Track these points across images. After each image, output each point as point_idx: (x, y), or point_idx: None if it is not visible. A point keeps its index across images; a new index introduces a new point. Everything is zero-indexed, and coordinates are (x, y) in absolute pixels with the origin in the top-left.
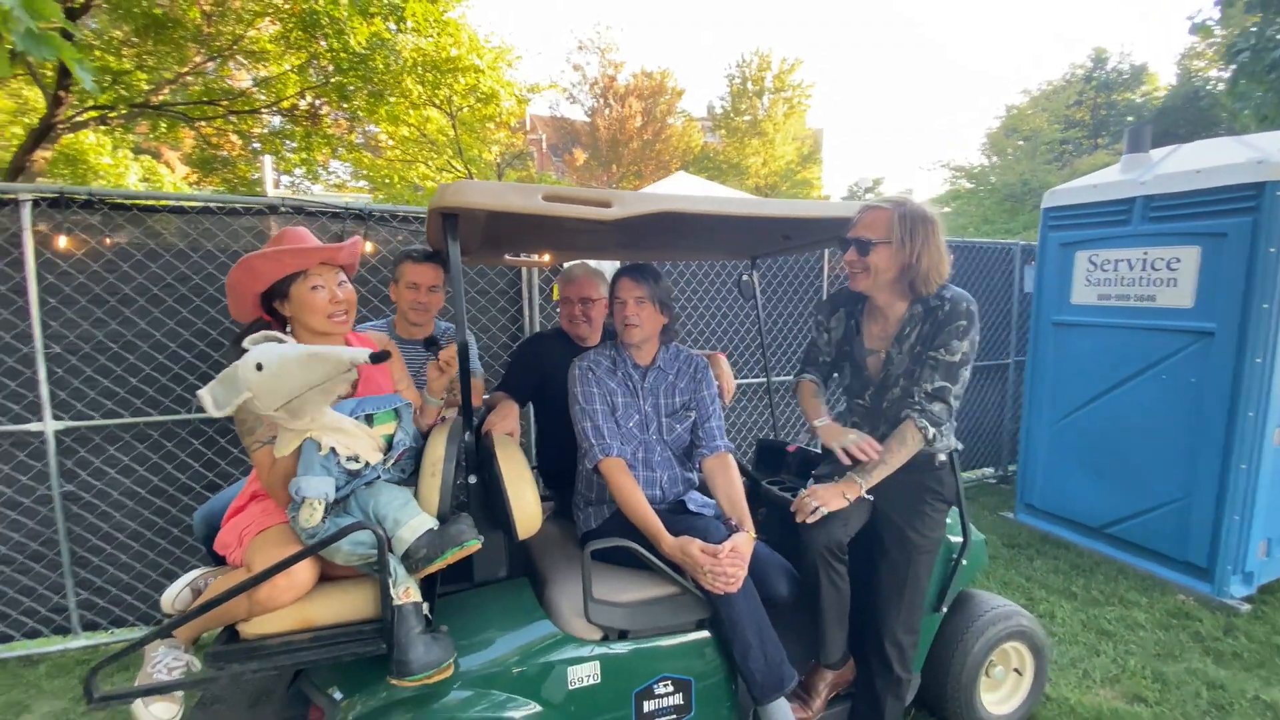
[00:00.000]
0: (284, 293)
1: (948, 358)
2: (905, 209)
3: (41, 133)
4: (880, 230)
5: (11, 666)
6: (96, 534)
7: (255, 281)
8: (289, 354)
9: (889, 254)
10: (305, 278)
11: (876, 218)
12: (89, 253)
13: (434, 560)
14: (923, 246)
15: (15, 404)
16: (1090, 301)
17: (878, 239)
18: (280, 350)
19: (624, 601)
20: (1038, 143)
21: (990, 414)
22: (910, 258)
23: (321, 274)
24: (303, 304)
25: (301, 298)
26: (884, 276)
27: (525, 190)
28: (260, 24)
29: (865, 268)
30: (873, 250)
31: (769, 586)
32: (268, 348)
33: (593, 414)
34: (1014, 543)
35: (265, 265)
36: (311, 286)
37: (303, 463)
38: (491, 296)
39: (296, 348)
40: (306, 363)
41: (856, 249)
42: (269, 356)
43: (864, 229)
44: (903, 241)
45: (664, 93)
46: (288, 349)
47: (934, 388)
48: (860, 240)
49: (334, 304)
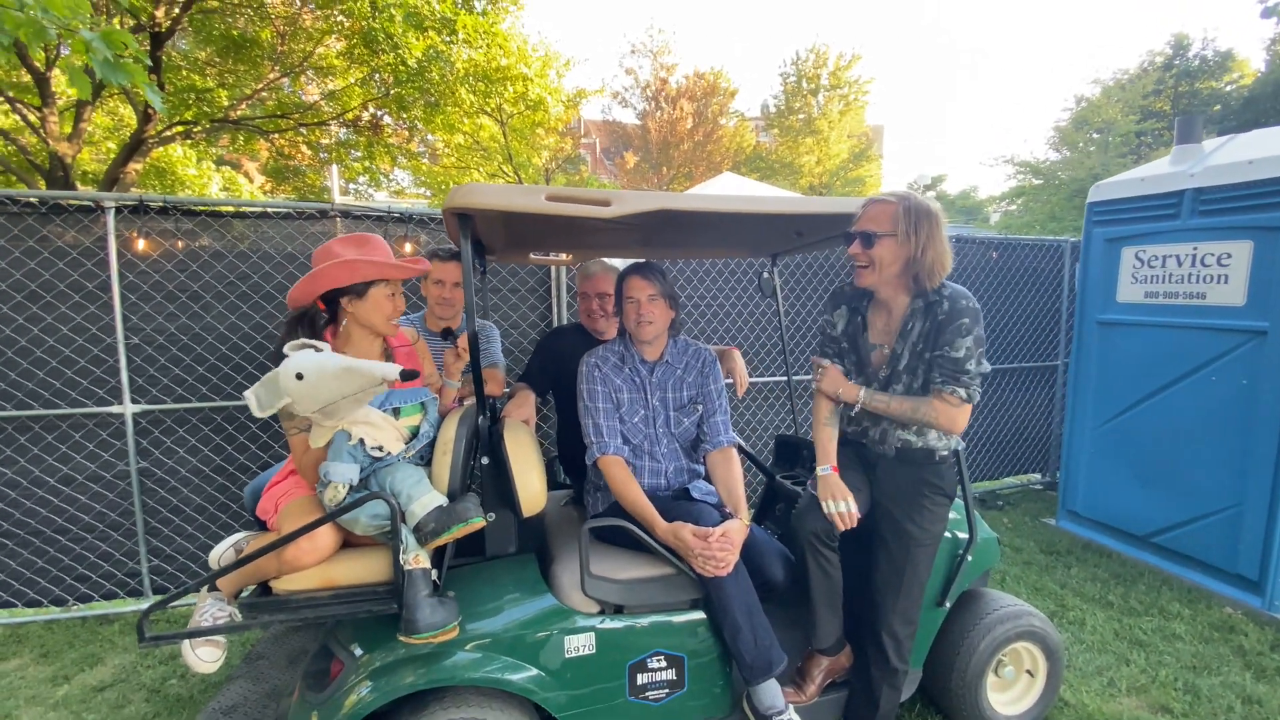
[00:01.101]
0: (361, 293)
1: (953, 354)
2: (909, 202)
3: (133, 147)
4: (884, 223)
5: (90, 624)
6: (167, 507)
7: (349, 277)
8: (327, 366)
9: (893, 247)
10: (388, 284)
11: (880, 211)
12: (164, 254)
13: (440, 534)
14: (927, 240)
15: (99, 388)
16: (1137, 300)
17: (882, 232)
18: (319, 361)
19: (620, 579)
20: (1112, 135)
21: (1038, 417)
22: (915, 251)
23: (396, 284)
24: (376, 306)
25: (379, 301)
26: (888, 270)
27: (529, 191)
28: (328, 41)
29: (870, 261)
30: (877, 243)
31: (765, 571)
32: (307, 357)
33: (595, 412)
34: (1052, 549)
35: (368, 269)
36: (392, 293)
37: (333, 450)
38: (522, 294)
39: (334, 360)
40: (342, 375)
41: (861, 242)
42: (308, 366)
43: (868, 222)
44: (907, 235)
45: (716, 93)
46: (326, 360)
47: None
48: (865, 233)
49: (397, 312)
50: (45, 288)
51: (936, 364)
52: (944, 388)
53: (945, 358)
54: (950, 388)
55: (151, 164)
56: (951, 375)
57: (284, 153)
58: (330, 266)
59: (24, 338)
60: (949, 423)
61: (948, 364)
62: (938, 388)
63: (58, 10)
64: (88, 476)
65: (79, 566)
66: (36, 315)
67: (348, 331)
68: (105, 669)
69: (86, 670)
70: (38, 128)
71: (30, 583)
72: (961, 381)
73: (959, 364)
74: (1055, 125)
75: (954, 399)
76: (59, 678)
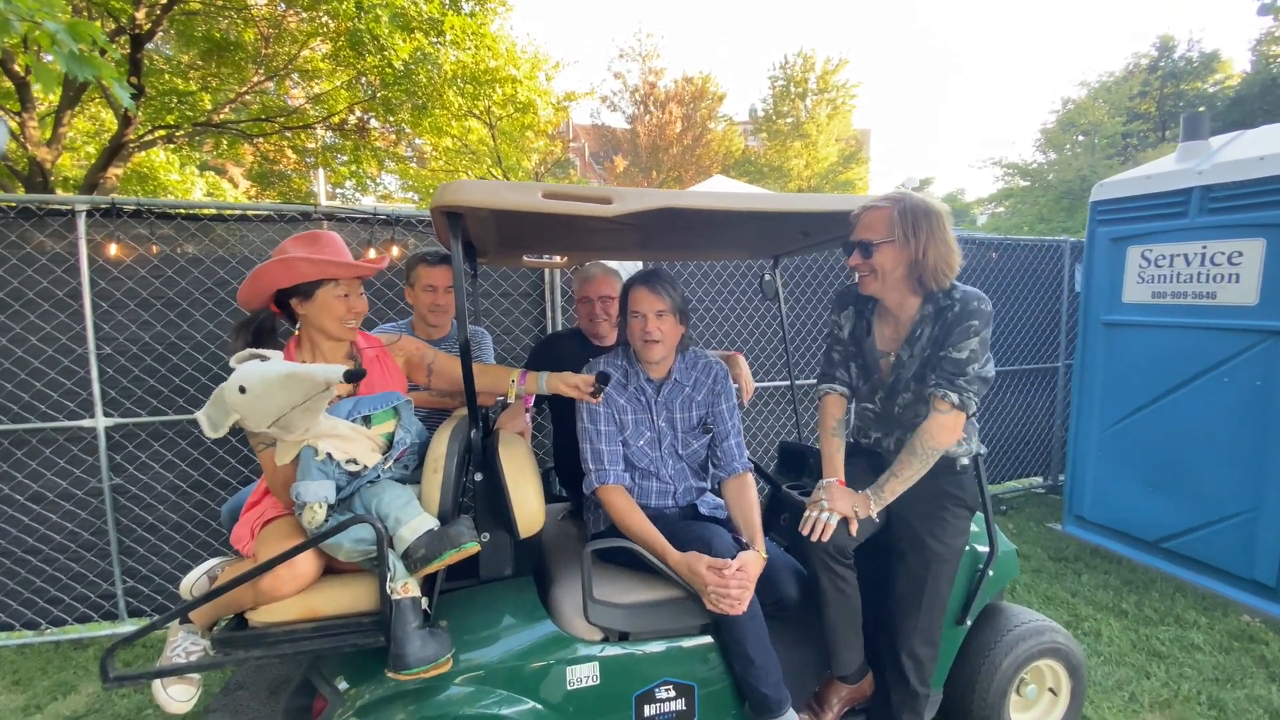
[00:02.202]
0: (308, 293)
1: (955, 354)
2: (904, 204)
3: (113, 151)
4: (880, 230)
5: (63, 649)
6: (142, 525)
7: (289, 277)
8: (269, 375)
9: (893, 253)
10: (337, 284)
11: (875, 217)
12: (138, 259)
13: (431, 560)
14: (928, 241)
15: (70, 401)
16: (1144, 300)
17: (879, 239)
18: (260, 372)
19: (625, 603)
20: (1098, 137)
21: (1039, 420)
22: (916, 253)
23: (350, 284)
24: (325, 308)
25: (327, 302)
26: (892, 276)
27: (524, 188)
28: (313, 43)
29: (872, 270)
30: (876, 251)
31: (778, 589)
32: (250, 369)
33: (595, 435)
34: (1061, 556)
35: (308, 268)
36: (342, 294)
37: (300, 469)
38: (514, 299)
39: (275, 368)
40: (285, 383)
41: (859, 252)
42: (250, 378)
43: (864, 230)
44: (906, 239)
45: (705, 97)
46: (268, 370)
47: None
48: (862, 243)
49: (351, 313)
50: (14, 295)
51: (937, 365)
52: (935, 390)
53: (947, 358)
54: (943, 391)
55: (133, 169)
56: (948, 378)
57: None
58: (269, 264)
59: None
60: (942, 435)
61: (948, 365)
62: (930, 391)
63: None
64: (59, 494)
65: (51, 589)
66: (4, 324)
67: (308, 337)
68: (79, 697)
69: (59, 699)
70: (17, 133)
71: (1, 605)
72: (957, 385)
73: (959, 365)
74: (1042, 128)
75: (944, 404)
76: (31, 707)
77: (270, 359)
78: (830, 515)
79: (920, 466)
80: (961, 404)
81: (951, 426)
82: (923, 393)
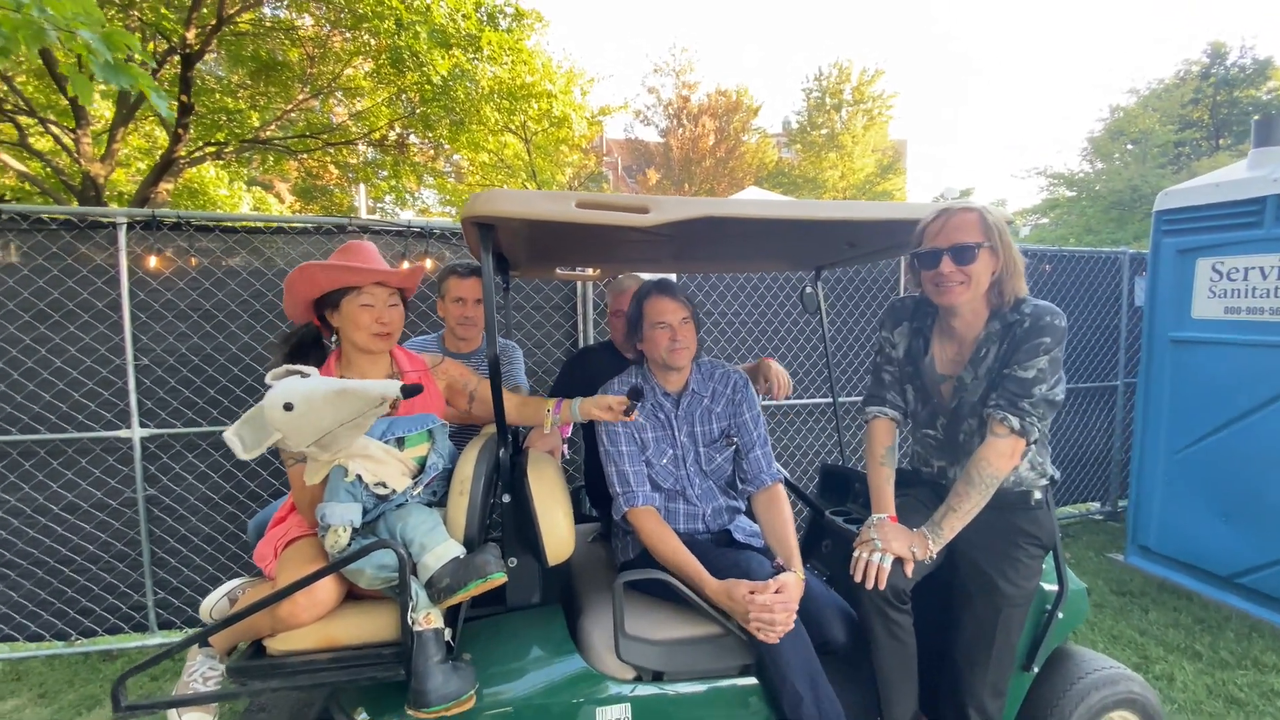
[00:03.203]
0: (335, 303)
1: (1020, 373)
2: (986, 211)
3: (163, 167)
4: (975, 233)
5: (92, 660)
6: (174, 537)
7: (310, 288)
8: (317, 391)
9: (988, 259)
10: (358, 294)
11: (968, 220)
12: (176, 271)
13: (456, 591)
14: (1007, 253)
15: (107, 412)
16: (1215, 315)
17: (978, 242)
18: (308, 387)
19: (660, 640)
20: (1149, 145)
21: (1096, 441)
22: (1002, 263)
23: (374, 293)
24: (350, 318)
25: (350, 312)
26: (982, 286)
27: (557, 197)
28: (356, 61)
29: (966, 278)
30: (977, 255)
31: (823, 631)
32: (293, 385)
33: (618, 457)
34: (1125, 590)
35: (324, 275)
36: (363, 304)
37: (328, 489)
38: (546, 311)
39: (324, 384)
40: (335, 400)
41: (952, 257)
42: (297, 395)
43: (957, 233)
44: (995, 246)
45: (739, 110)
46: (315, 385)
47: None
48: (959, 247)
49: (379, 324)
50: (54, 306)
51: (999, 383)
52: (994, 412)
53: (1011, 377)
54: (1002, 414)
55: (184, 184)
56: (1010, 399)
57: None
58: (292, 274)
59: (31, 359)
60: (1000, 462)
61: (1011, 384)
62: (989, 412)
63: (56, 9)
64: (93, 504)
65: (82, 599)
66: (44, 335)
67: (345, 352)
68: (104, 711)
69: (84, 713)
70: (72, 150)
71: (33, 615)
72: (1019, 408)
73: (1024, 386)
74: (1089, 136)
75: (1002, 428)
76: None
77: (309, 375)
78: (883, 557)
79: (979, 498)
80: (1022, 429)
81: (1009, 453)
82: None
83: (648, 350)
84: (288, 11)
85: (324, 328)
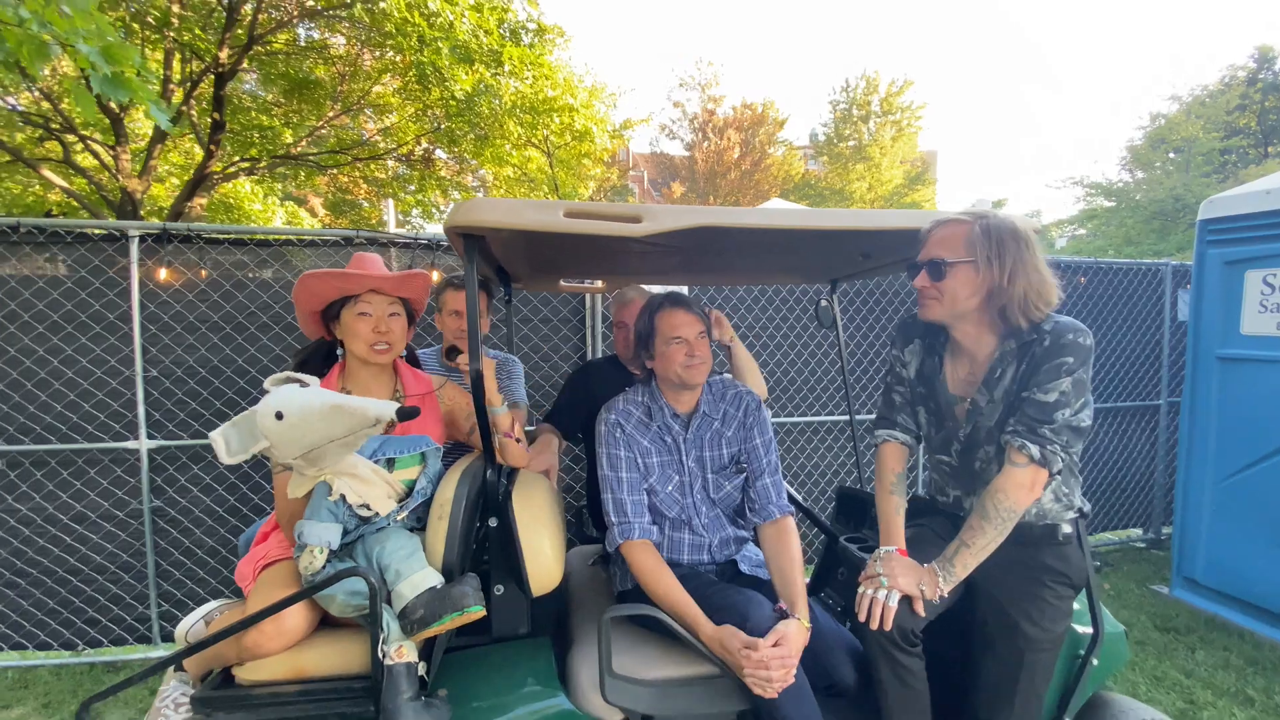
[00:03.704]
0: (336, 314)
1: (1040, 397)
2: (987, 222)
3: (195, 182)
4: (955, 248)
5: (97, 670)
6: (179, 549)
7: (311, 299)
8: (312, 404)
9: (969, 277)
10: (355, 303)
11: (950, 233)
12: (185, 284)
13: (430, 624)
14: (1015, 267)
15: (116, 423)
16: (1267, 331)
17: (954, 258)
18: (304, 399)
19: (650, 679)
20: (1193, 153)
21: (1138, 465)
22: (999, 280)
23: (371, 302)
24: (348, 329)
25: (348, 322)
26: (964, 305)
27: (545, 206)
28: (384, 79)
29: (938, 294)
30: (948, 273)
31: (830, 671)
32: (289, 394)
33: (615, 484)
34: (1169, 626)
35: (319, 285)
36: (360, 313)
37: (310, 506)
38: (554, 324)
39: (321, 397)
40: (330, 415)
41: (927, 272)
42: (291, 405)
43: (936, 247)
44: (989, 261)
45: (764, 123)
46: (311, 397)
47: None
48: (932, 261)
49: (377, 334)
50: (67, 318)
51: (1018, 408)
52: (1012, 440)
53: (1031, 401)
54: (1020, 441)
55: (219, 199)
56: (1029, 425)
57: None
58: (295, 287)
59: (43, 369)
60: (1019, 494)
61: (1031, 409)
62: (1006, 440)
63: (57, 24)
64: (100, 515)
65: (89, 609)
66: (56, 347)
67: (348, 366)
68: None
69: None
70: (111, 166)
71: (41, 624)
72: (1039, 435)
73: (1045, 410)
74: (1128, 145)
75: (1020, 457)
76: None
77: (309, 385)
78: (890, 594)
79: (995, 534)
80: (1043, 459)
81: (1029, 484)
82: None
83: (660, 368)
84: (321, 32)
85: (337, 342)
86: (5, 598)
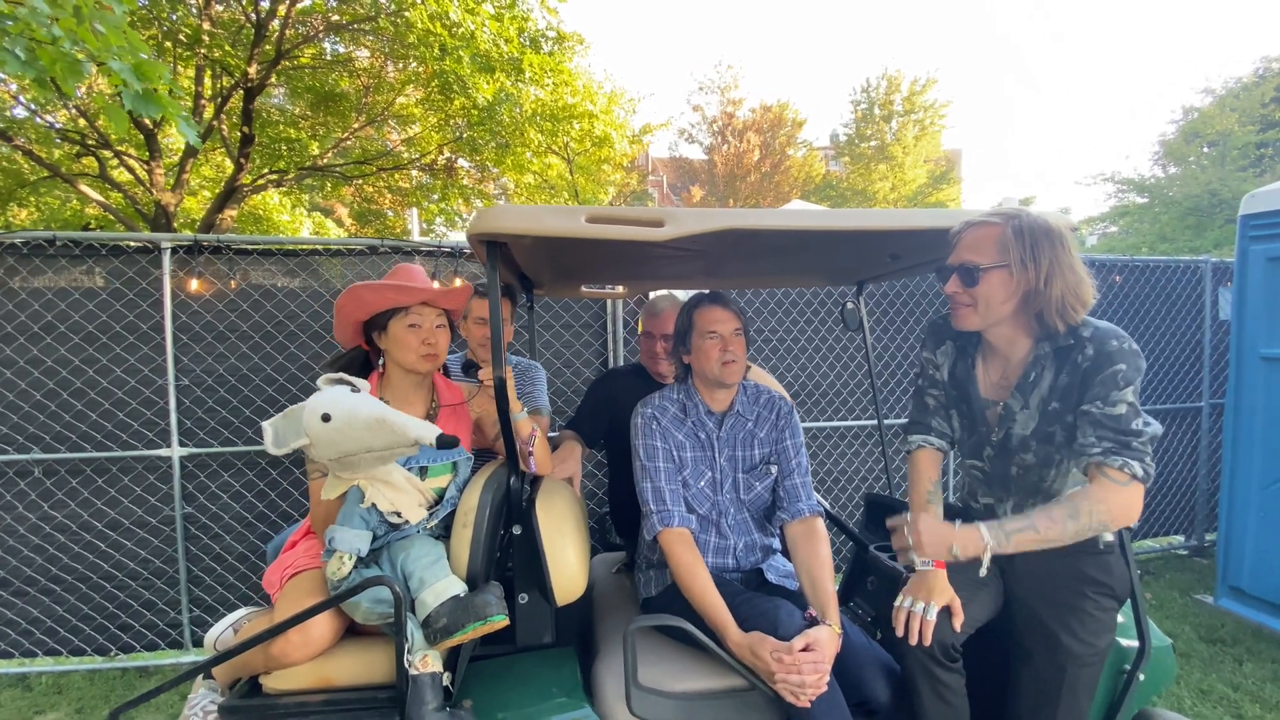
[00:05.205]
0: (383, 325)
1: (1110, 411)
2: (1020, 222)
3: (226, 195)
4: (988, 251)
5: (130, 676)
6: (209, 555)
7: (359, 310)
8: (359, 413)
9: (1004, 281)
10: (405, 314)
11: (982, 236)
12: (216, 294)
13: (453, 633)
14: (1051, 268)
15: (149, 431)
16: None
17: (986, 263)
18: (351, 405)
19: (677, 692)
20: (1228, 148)
21: (1179, 469)
22: (1035, 283)
23: (421, 314)
24: (397, 340)
25: (397, 334)
26: (1000, 310)
27: (567, 212)
28: (407, 90)
29: (971, 301)
30: (981, 278)
31: (862, 689)
32: (339, 397)
33: (654, 473)
34: (1215, 637)
35: (371, 296)
36: (410, 324)
37: (343, 511)
38: (575, 330)
39: (368, 407)
40: (373, 427)
41: (959, 278)
42: (338, 409)
43: (967, 251)
44: (1023, 264)
45: (784, 124)
46: (359, 406)
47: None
48: (964, 266)
49: (426, 345)
50: (101, 329)
51: (1092, 426)
52: (1107, 459)
53: (1098, 416)
54: (1120, 460)
55: (249, 210)
56: (1117, 441)
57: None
58: (341, 297)
59: (79, 379)
60: (1122, 515)
61: (1109, 424)
62: (1099, 460)
63: (90, 42)
64: (134, 521)
65: (122, 615)
66: (92, 357)
67: (388, 374)
68: None
69: None
70: (145, 180)
71: (76, 630)
72: (1132, 450)
73: (1122, 422)
74: (1161, 139)
75: (1121, 475)
76: None
77: (361, 390)
78: (929, 608)
79: (1070, 537)
80: (1145, 475)
81: (1135, 504)
82: (1052, 457)
83: (696, 363)
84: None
85: (372, 352)
86: (41, 604)
